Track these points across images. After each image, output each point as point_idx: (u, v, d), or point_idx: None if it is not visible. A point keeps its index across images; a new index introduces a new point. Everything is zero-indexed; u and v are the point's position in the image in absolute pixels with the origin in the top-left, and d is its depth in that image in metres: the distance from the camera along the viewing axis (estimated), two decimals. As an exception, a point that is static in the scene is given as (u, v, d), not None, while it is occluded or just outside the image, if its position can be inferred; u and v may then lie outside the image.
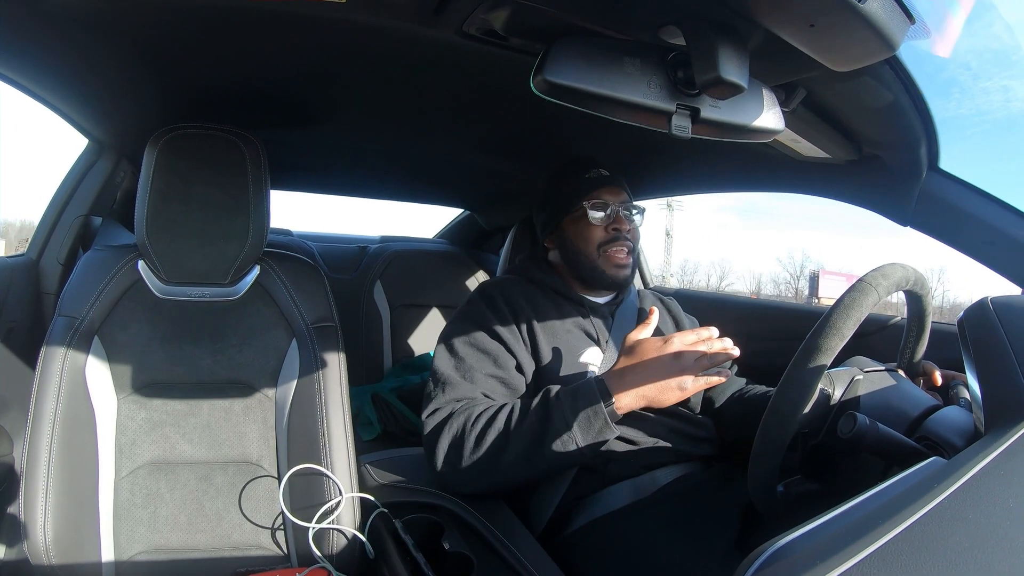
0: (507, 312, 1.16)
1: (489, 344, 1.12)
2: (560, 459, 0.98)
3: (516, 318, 1.15)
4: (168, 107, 1.23)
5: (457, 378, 1.08)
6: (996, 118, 18.42)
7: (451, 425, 1.02)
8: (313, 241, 2.31)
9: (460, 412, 1.03)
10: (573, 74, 0.68)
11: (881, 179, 1.11)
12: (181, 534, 1.04)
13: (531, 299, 1.19)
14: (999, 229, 1.00)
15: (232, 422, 1.09)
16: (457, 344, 1.13)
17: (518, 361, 1.12)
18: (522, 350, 1.13)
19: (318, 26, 0.87)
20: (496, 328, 1.13)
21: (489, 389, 1.08)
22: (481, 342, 1.12)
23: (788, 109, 0.89)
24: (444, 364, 1.11)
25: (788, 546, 0.44)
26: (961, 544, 0.42)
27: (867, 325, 0.94)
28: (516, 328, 1.14)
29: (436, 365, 1.12)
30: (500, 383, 1.10)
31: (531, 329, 1.15)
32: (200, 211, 1.06)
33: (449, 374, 1.09)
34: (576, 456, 0.97)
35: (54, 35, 0.91)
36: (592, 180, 1.21)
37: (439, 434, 1.03)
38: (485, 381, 1.09)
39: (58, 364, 1.00)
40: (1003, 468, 0.53)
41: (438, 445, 1.02)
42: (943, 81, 0.91)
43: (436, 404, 1.07)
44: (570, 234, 1.23)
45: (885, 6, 0.61)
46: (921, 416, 0.84)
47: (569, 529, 1.05)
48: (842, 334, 0.76)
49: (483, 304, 1.17)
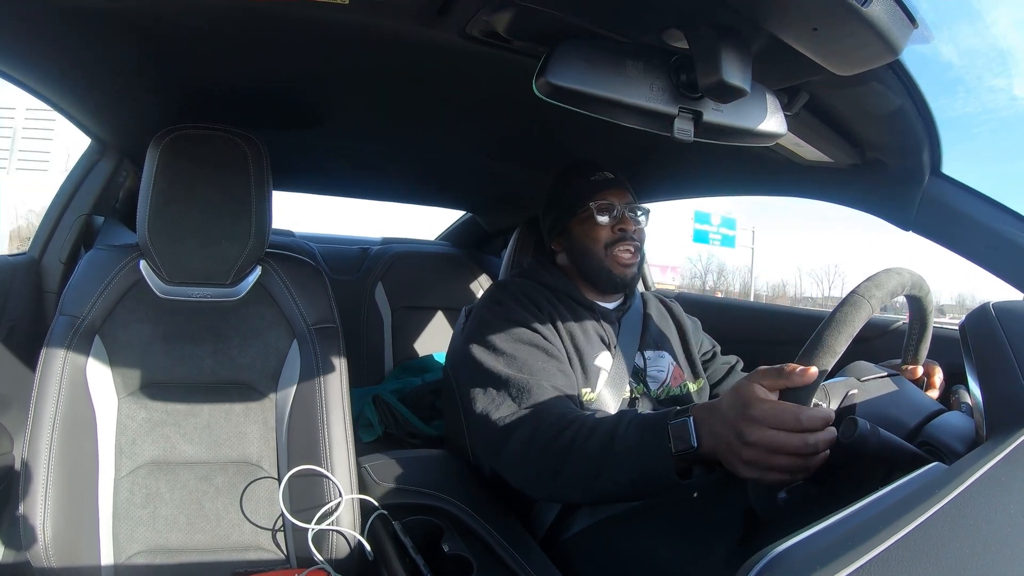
0: (533, 307, 1.15)
1: (532, 336, 1.08)
2: (617, 489, 0.85)
3: (542, 313, 1.15)
4: (171, 107, 1.23)
5: (514, 374, 1.01)
6: (1003, 116, 18.37)
7: (520, 433, 0.94)
8: (315, 242, 2.31)
9: (529, 420, 0.95)
10: (576, 77, 0.68)
11: (883, 183, 1.11)
12: (181, 534, 1.03)
13: (549, 299, 1.19)
14: (1001, 234, 1.00)
15: (232, 423, 1.09)
16: (498, 341, 1.07)
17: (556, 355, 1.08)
18: (557, 343, 1.11)
19: (321, 27, 0.87)
20: (531, 321, 1.11)
21: (550, 378, 1.01)
22: (523, 335, 1.08)
23: (791, 113, 0.89)
24: (493, 363, 1.04)
25: (788, 551, 0.44)
26: (962, 550, 0.42)
27: (868, 330, 0.94)
28: (547, 320, 1.13)
29: (486, 366, 1.04)
30: (559, 372, 1.04)
31: (557, 325, 1.15)
32: (202, 211, 1.06)
33: (503, 371, 1.02)
34: (632, 487, 0.83)
35: (59, 35, 0.92)
36: (598, 182, 1.22)
37: (507, 442, 0.96)
38: (543, 372, 1.02)
39: (59, 363, 1.00)
40: (1004, 474, 0.53)
41: (505, 452, 0.96)
42: (949, 80, 0.91)
43: (504, 411, 0.98)
44: (577, 235, 1.23)
45: (888, 10, 0.61)
46: (922, 422, 0.84)
47: (570, 532, 1.05)
48: (834, 351, 0.72)
49: (510, 301, 1.14)
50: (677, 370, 1.23)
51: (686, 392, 1.22)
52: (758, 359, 1.46)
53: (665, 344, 1.26)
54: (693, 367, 1.28)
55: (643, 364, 1.19)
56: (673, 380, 1.21)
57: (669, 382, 1.20)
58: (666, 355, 1.24)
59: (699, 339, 1.36)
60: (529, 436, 0.93)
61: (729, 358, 1.38)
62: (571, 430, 0.89)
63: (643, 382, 1.17)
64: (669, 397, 1.19)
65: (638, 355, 1.20)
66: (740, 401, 0.72)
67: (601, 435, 0.86)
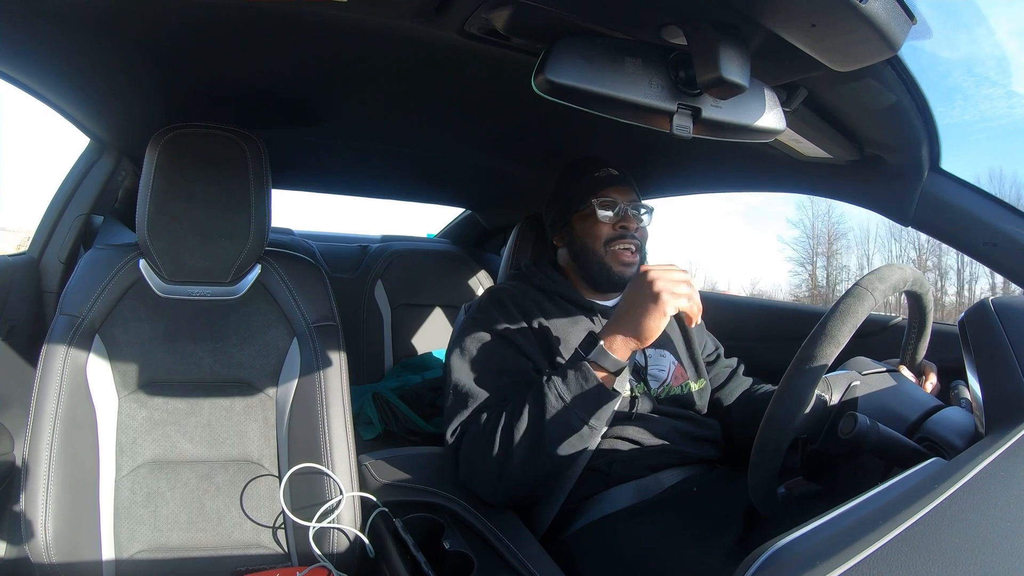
0: (519, 316, 1.15)
1: (505, 350, 1.11)
2: (570, 444, 0.95)
3: (528, 321, 1.15)
4: (170, 106, 1.23)
5: (476, 389, 1.06)
6: (1002, 124, 18.23)
7: (475, 439, 1.01)
8: (314, 240, 2.31)
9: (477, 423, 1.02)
10: (574, 74, 0.68)
11: (883, 179, 1.11)
12: (182, 533, 1.04)
13: (540, 304, 1.19)
14: (1000, 230, 1.00)
15: (233, 421, 1.09)
16: (472, 352, 1.11)
17: (535, 364, 1.11)
18: (537, 353, 1.12)
19: (319, 25, 0.87)
20: (510, 332, 1.12)
21: (511, 396, 1.05)
22: (496, 348, 1.11)
23: (789, 109, 0.89)
24: (461, 375, 1.09)
25: (789, 546, 0.44)
26: (961, 545, 0.42)
27: (867, 326, 0.94)
28: (530, 331, 1.14)
29: (453, 376, 1.10)
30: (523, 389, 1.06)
31: (544, 333, 1.15)
32: (201, 210, 1.06)
33: (467, 385, 1.07)
34: (587, 436, 0.95)
35: (56, 34, 0.91)
36: (602, 179, 1.22)
37: (468, 452, 1.02)
38: (507, 388, 1.06)
39: (59, 363, 1.00)
40: (1003, 469, 0.53)
41: (471, 464, 1.01)
42: (947, 88, 0.92)
43: (459, 420, 1.05)
44: (578, 231, 1.23)
45: (886, 6, 0.61)
46: (921, 417, 0.84)
47: (571, 530, 1.05)
48: (837, 341, 0.75)
49: (493, 309, 1.16)
50: (679, 369, 1.22)
51: (688, 391, 1.21)
52: (758, 355, 1.47)
53: (667, 343, 1.25)
54: (696, 366, 1.27)
55: (644, 362, 1.18)
56: (674, 379, 1.20)
57: (670, 381, 1.19)
58: (668, 354, 1.23)
59: (703, 339, 1.35)
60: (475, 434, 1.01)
61: (731, 361, 1.37)
62: (506, 413, 0.99)
63: (644, 381, 1.16)
64: (670, 397, 1.18)
65: (639, 353, 1.18)
66: (634, 288, 0.97)
67: (534, 400, 0.97)
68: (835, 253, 21.23)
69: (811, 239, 21.47)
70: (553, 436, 0.95)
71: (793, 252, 23.02)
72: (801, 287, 21.41)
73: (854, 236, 22.74)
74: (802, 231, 21.78)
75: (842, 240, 21.35)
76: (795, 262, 22.00)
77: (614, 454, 1.08)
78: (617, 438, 1.10)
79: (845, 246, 21.43)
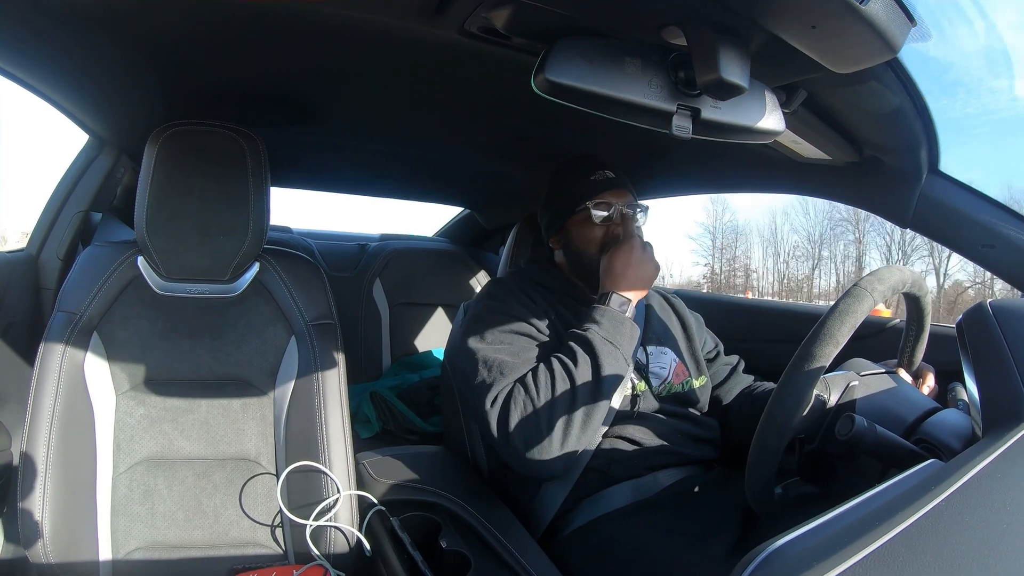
0: (529, 302, 1.17)
1: (526, 327, 1.12)
2: (616, 384, 1.04)
3: (537, 307, 1.16)
4: (169, 103, 1.23)
5: (509, 360, 1.06)
6: (1004, 116, 18.21)
7: (525, 401, 1.01)
8: (313, 239, 2.31)
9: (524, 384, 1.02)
10: (574, 74, 0.68)
11: (881, 181, 1.12)
12: (179, 531, 1.04)
13: (544, 296, 1.20)
14: (998, 232, 1.00)
15: (230, 419, 1.09)
16: (493, 329, 1.12)
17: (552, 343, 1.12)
18: (552, 335, 1.14)
19: (319, 24, 0.86)
20: (523, 313, 1.14)
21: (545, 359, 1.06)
22: (517, 323, 1.12)
23: (789, 111, 0.89)
24: (487, 351, 1.08)
25: (785, 547, 0.44)
26: (958, 547, 0.42)
27: (865, 328, 0.94)
28: (541, 312, 1.16)
29: (479, 355, 1.08)
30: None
31: (551, 318, 1.16)
32: (200, 208, 1.06)
33: (497, 357, 1.07)
34: (624, 374, 1.06)
35: (56, 31, 0.91)
36: (597, 183, 1.21)
37: (507, 419, 1.01)
38: (541, 356, 1.08)
39: (57, 360, 1.00)
40: (1000, 471, 0.53)
41: (511, 431, 1.00)
42: (948, 82, 0.92)
43: (498, 388, 1.04)
44: (574, 235, 1.22)
45: (886, 8, 0.61)
46: (919, 419, 0.84)
47: (568, 529, 1.05)
48: (836, 341, 0.75)
49: (503, 294, 1.18)
50: (680, 366, 1.22)
51: (689, 389, 1.21)
52: (757, 356, 1.47)
53: (668, 340, 1.25)
54: (697, 363, 1.27)
55: (645, 360, 1.18)
56: (676, 377, 1.20)
57: (671, 379, 1.19)
58: (669, 351, 1.23)
59: (703, 336, 1.35)
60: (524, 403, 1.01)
61: (731, 358, 1.37)
62: (557, 363, 1.04)
63: (645, 378, 1.16)
64: (671, 394, 1.18)
65: (640, 350, 1.19)
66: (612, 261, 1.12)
67: (584, 347, 1.04)
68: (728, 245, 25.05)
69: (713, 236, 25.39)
70: (610, 379, 1.02)
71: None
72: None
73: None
74: (704, 229, 25.65)
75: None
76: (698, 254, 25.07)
77: (614, 454, 1.08)
78: (618, 437, 1.10)
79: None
